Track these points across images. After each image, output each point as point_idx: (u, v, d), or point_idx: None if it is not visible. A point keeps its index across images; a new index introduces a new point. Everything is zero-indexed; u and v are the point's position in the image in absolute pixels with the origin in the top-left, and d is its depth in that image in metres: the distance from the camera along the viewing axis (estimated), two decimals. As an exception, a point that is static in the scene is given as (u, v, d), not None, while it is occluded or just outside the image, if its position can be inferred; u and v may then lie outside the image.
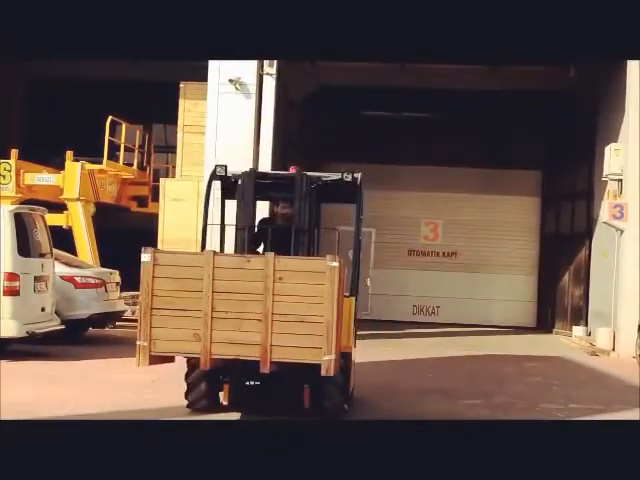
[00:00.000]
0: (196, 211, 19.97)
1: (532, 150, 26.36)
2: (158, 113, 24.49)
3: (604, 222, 19.98)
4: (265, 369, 9.07)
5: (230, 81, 19.51)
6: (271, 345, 9.00)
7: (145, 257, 9.19)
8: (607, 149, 19.94)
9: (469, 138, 26.04)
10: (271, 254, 9.19)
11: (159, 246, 20.62)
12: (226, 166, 10.71)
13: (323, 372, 8.97)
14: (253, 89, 19.70)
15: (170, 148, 24.80)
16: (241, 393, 10.27)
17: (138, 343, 9.14)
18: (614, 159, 19.66)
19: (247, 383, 10.14)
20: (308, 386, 10.00)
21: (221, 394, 10.38)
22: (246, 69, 19.51)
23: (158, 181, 22.36)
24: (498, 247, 26.92)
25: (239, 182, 10.51)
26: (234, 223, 10.63)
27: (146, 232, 21.73)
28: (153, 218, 21.45)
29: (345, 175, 10.43)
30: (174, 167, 22.68)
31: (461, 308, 26.48)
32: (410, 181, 26.59)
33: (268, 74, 19.75)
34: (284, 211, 10.84)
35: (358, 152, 25.22)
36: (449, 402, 12.08)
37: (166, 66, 18.67)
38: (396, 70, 21.37)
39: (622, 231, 19.48)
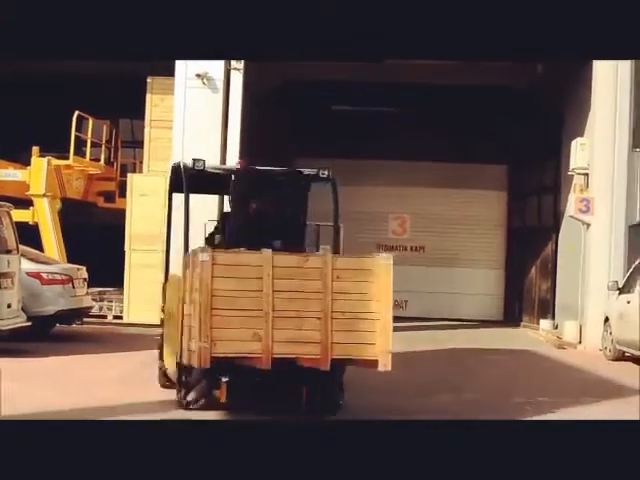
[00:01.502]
0: (164, 206, 19.85)
1: (499, 145, 26.47)
2: (125, 108, 24.35)
3: (570, 216, 20.11)
4: (325, 367, 9.19)
5: (197, 76, 19.48)
6: (331, 343, 9.13)
7: (204, 257, 8.99)
8: (573, 144, 20.07)
9: (437, 133, 26.10)
10: (329, 253, 9.38)
11: (126, 242, 20.56)
12: (204, 161, 10.70)
13: (381, 368, 9.23)
14: (220, 84, 19.68)
15: (137, 143, 24.68)
16: (239, 392, 10.10)
17: (199, 344, 8.91)
18: (580, 154, 19.79)
19: (244, 381, 9.98)
20: (306, 385, 9.99)
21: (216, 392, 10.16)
22: (213, 64, 19.46)
23: (125, 176, 22.27)
24: (465, 241, 27.05)
25: (232, 177, 10.42)
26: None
27: (113, 227, 21.66)
28: (120, 213, 21.37)
29: (321, 172, 10.63)
30: (141, 162, 22.57)
31: (429, 302, 26.59)
32: (378, 176, 26.63)
33: (235, 69, 19.72)
34: (262, 207, 10.76)
35: (326, 147, 25.21)
36: (414, 397, 12.12)
37: (132, 61, 18.57)
38: (364, 65, 21.37)
39: (588, 225, 19.62)
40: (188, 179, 10.45)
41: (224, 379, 9.72)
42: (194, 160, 10.67)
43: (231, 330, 9.03)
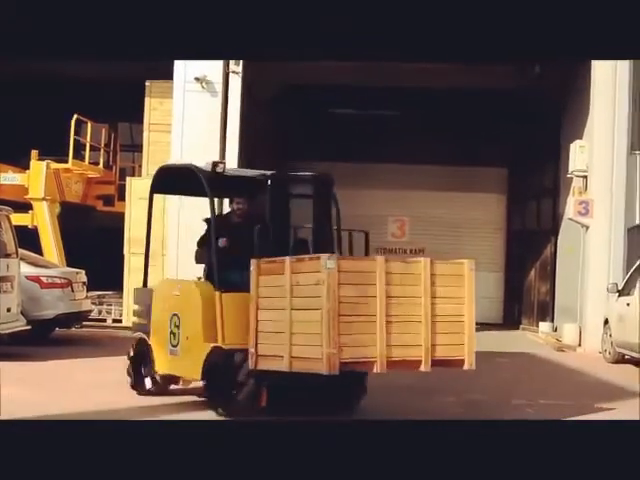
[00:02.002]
0: (162, 210, 19.90)
1: (498, 148, 26.48)
2: (124, 112, 24.32)
3: (569, 219, 20.12)
4: (427, 368, 9.47)
5: (196, 79, 19.49)
6: (432, 345, 9.47)
7: (330, 263, 9.03)
8: (572, 146, 20.07)
9: (436, 136, 26.09)
10: (427, 259, 9.67)
11: (125, 245, 20.54)
12: (225, 163, 10.84)
13: (466, 366, 9.77)
14: (219, 87, 19.68)
15: (136, 147, 24.68)
16: (279, 396, 10.19)
17: (327, 351, 8.92)
18: (579, 156, 19.79)
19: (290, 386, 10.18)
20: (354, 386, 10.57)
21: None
22: (212, 67, 19.47)
23: (124, 180, 22.27)
24: (465, 244, 27.02)
25: (269, 182, 10.40)
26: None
27: (112, 231, 21.65)
28: (119, 217, 21.35)
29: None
30: (140, 166, 22.58)
31: (428, 305, 26.50)
32: (377, 179, 26.64)
33: (234, 72, 19.71)
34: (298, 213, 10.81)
35: (326, 150, 25.24)
36: (419, 399, 12.11)
37: (131, 65, 18.55)
38: (364, 68, 21.38)
39: (587, 227, 19.62)
40: (208, 182, 10.50)
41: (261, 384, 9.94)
42: (214, 163, 10.70)
43: (353, 336, 9.17)
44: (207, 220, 11.44)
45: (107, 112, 24.10)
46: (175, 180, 11.84)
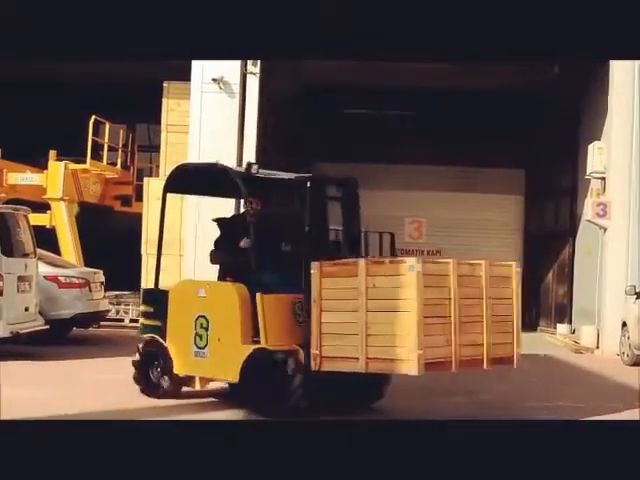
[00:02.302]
0: (180, 210, 19.94)
1: (516, 148, 26.42)
2: (141, 113, 24.41)
3: (587, 220, 20.04)
4: (488, 366, 9.87)
5: (213, 80, 19.50)
6: (491, 344, 9.88)
7: (418, 267, 9.21)
8: (590, 147, 20.01)
9: (453, 136, 26.07)
10: (486, 261, 10.07)
11: (143, 245, 20.58)
12: (258, 165, 10.93)
13: (515, 365, 10.21)
14: (237, 88, 19.69)
15: (153, 148, 24.74)
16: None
17: (417, 352, 9.08)
18: (597, 157, 19.72)
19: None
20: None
21: None
22: (229, 68, 19.49)
23: (142, 180, 22.32)
24: (482, 245, 26.95)
25: (308, 185, 10.44)
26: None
27: (130, 231, 21.70)
28: (137, 217, 21.40)
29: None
30: (158, 166, 22.62)
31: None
32: (394, 180, 26.60)
33: (251, 73, 19.73)
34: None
35: (341, 151, 25.23)
36: (431, 399, 12.10)
37: (149, 66, 18.59)
38: (379, 68, 21.37)
39: (605, 229, 19.55)
40: (243, 182, 10.60)
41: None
42: (249, 164, 10.88)
43: (433, 337, 9.37)
44: (218, 220, 11.53)
45: (125, 113, 24.21)
46: (193, 179, 11.86)
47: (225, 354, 10.52)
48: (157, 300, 11.36)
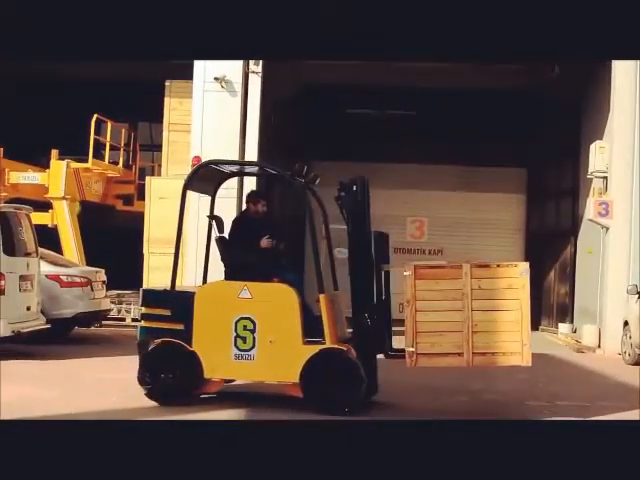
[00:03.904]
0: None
1: (517, 148, 26.40)
2: (143, 111, 24.43)
3: (589, 219, 20.03)
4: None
5: (216, 79, 19.50)
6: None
7: (527, 272, 10.77)
8: (592, 147, 20.00)
9: (454, 136, 26.04)
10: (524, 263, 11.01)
11: (145, 245, 20.60)
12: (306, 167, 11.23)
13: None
14: (239, 87, 19.69)
15: (156, 146, 24.77)
16: None
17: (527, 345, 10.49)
18: (599, 157, 19.72)
19: None
20: None
21: None
22: (231, 67, 19.49)
23: (144, 179, 22.33)
24: (484, 244, 26.94)
25: (354, 188, 10.92)
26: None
27: (132, 230, 21.72)
28: (139, 217, 21.41)
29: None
30: (160, 165, 22.65)
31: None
32: (395, 179, 26.55)
33: (254, 72, 19.73)
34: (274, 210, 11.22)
35: (342, 150, 25.23)
36: (434, 399, 12.12)
37: (151, 65, 18.59)
38: (379, 68, 21.37)
39: (607, 228, 19.54)
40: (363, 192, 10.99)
41: None
42: (300, 167, 11.16)
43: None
44: (213, 217, 11.58)
45: (127, 112, 24.20)
46: (213, 179, 11.95)
47: (280, 356, 10.60)
48: (176, 302, 11.06)
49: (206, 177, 11.83)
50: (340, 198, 11.01)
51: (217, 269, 11.63)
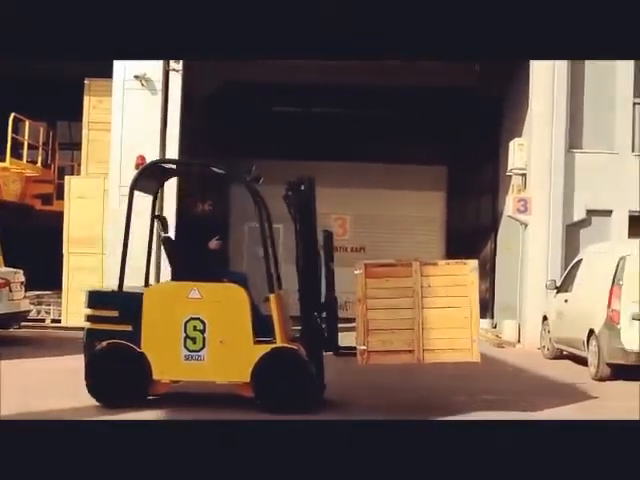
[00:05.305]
0: (101, 209, 19.78)
1: (438, 145, 26.61)
2: (62, 110, 24.09)
3: (509, 216, 20.30)
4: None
5: (136, 77, 19.34)
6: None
7: (476, 268, 10.73)
8: (511, 144, 20.27)
9: (376, 134, 26.16)
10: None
11: (64, 245, 20.34)
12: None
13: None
14: (159, 85, 19.55)
15: (75, 145, 24.45)
16: None
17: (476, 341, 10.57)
18: (518, 154, 20.00)
19: None
20: None
21: None
22: (152, 65, 19.34)
23: (63, 179, 22.05)
24: (405, 242, 27.10)
25: (302, 187, 11.18)
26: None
27: (51, 231, 21.42)
28: (58, 216, 21.14)
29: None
30: (79, 165, 22.38)
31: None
32: (318, 177, 26.46)
33: (174, 70, 19.62)
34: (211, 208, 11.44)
35: (266, 148, 25.16)
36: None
37: (70, 63, 18.36)
38: (304, 65, 21.37)
39: (526, 225, 19.82)
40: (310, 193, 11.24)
41: None
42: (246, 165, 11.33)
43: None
44: (158, 217, 11.56)
45: (46, 110, 23.85)
46: (156, 178, 11.86)
47: (230, 356, 10.58)
48: (124, 303, 10.91)
49: (150, 176, 11.68)
50: (288, 197, 11.09)
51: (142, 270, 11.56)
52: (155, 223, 11.71)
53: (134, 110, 19.53)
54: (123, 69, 19.38)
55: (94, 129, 20.95)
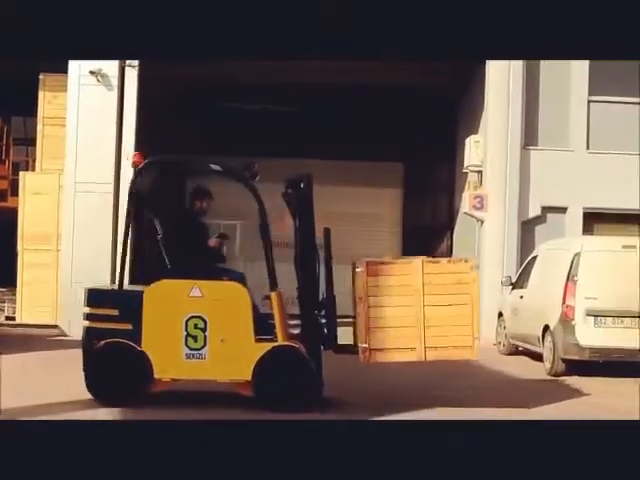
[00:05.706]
0: (56, 205, 19.62)
1: (394, 143, 26.65)
2: (17, 105, 23.87)
3: (465, 213, 20.43)
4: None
5: (91, 73, 19.20)
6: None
7: (476, 266, 11.33)
8: (467, 141, 20.40)
9: (332, 131, 26.15)
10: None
11: (19, 241, 20.17)
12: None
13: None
14: (115, 81, 19.42)
15: (30, 141, 24.23)
16: None
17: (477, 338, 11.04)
18: (474, 151, 20.13)
19: None
20: None
21: None
22: (107, 61, 19.20)
23: (17, 175, 21.85)
24: (361, 239, 27.05)
25: (302, 185, 11.29)
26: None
27: (5, 227, 21.23)
28: (13, 213, 20.95)
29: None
30: (34, 160, 22.19)
31: (325, 300, 26.57)
32: (276, 174, 26.47)
33: (130, 66, 19.48)
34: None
35: (221, 146, 25.07)
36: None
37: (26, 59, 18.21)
38: (258, 64, 21.32)
39: (482, 221, 19.95)
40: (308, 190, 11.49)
41: None
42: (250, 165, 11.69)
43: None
44: (179, 217, 11.68)
45: (-1, 105, 23.64)
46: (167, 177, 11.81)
47: (231, 354, 10.52)
48: (124, 301, 10.79)
49: (147, 175, 11.54)
50: (287, 195, 11.11)
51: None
52: (154, 222, 11.53)
53: (90, 105, 19.38)
54: (78, 65, 19.23)
55: (49, 124, 20.75)
